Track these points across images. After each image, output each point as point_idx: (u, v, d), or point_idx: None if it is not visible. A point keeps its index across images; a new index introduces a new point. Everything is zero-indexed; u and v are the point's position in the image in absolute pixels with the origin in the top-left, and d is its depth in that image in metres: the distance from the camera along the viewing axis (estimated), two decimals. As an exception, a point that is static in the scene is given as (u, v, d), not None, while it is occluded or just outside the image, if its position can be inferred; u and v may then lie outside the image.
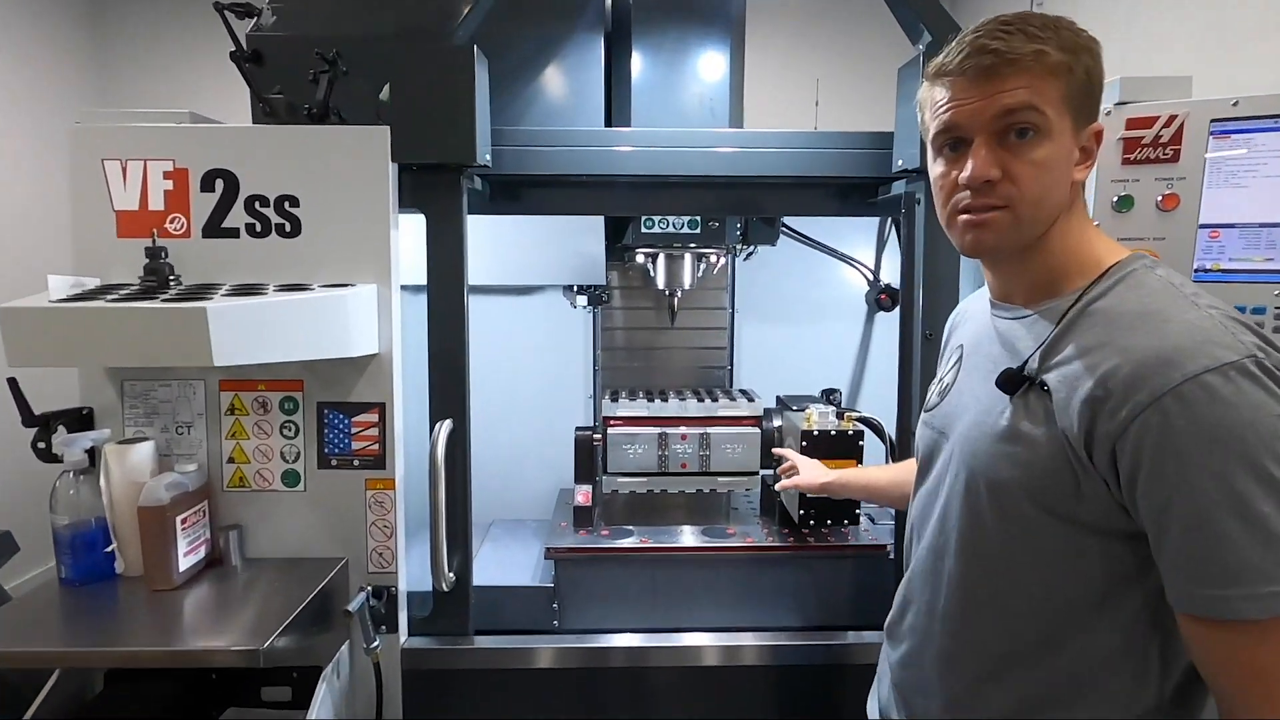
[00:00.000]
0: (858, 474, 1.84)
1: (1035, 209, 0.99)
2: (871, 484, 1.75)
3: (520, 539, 2.49)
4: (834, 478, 1.84)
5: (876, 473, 1.79)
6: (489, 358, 3.00)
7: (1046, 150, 0.98)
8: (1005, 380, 1.03)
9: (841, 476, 1.84)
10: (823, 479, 1.86)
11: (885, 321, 3.01)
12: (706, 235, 2.31)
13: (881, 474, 1.76)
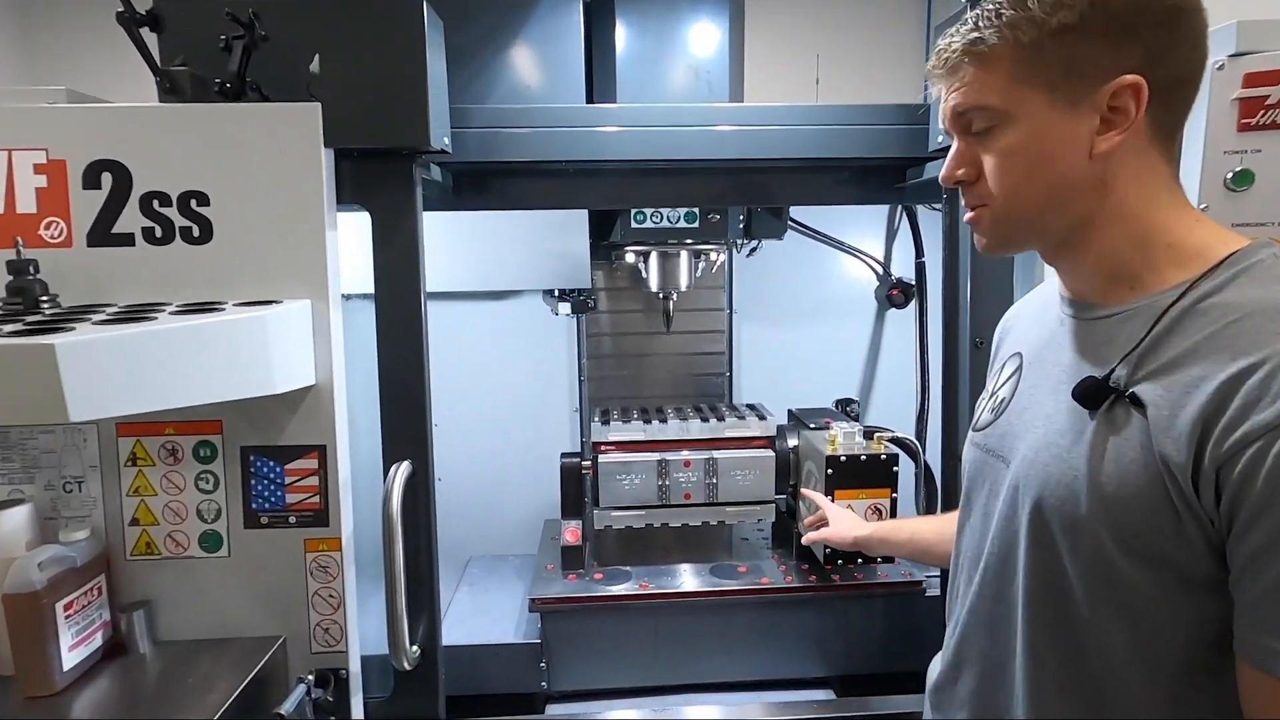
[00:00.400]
0: (900, 526, 1.50)
1: (1011, 201, 0.90)
2: (918, 539, 1.43)
3: (501, 579, 2.14)
4: (871, 532, 1.52)
5: (923, 525, 1.46)
6: (460, 371, 2.66)
7: (1010, 138, 0.87)
8: (1085, 391, 0.85)
9: (880, 530, 1.51)
10: (857, 533, 1.54)
11: (897, 320, 2.70)
12: (706, 229, 1.97)
13: (929, 527, 1.42)
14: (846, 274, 2.69)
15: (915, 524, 1.49)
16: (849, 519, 1.63)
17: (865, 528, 1.54)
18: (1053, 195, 0.88)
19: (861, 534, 1.53)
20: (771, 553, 2.04)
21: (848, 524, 1.59)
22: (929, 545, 1.39)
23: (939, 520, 1.41)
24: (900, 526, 1.50)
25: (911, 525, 1.49)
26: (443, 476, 2.76)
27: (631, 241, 2.02)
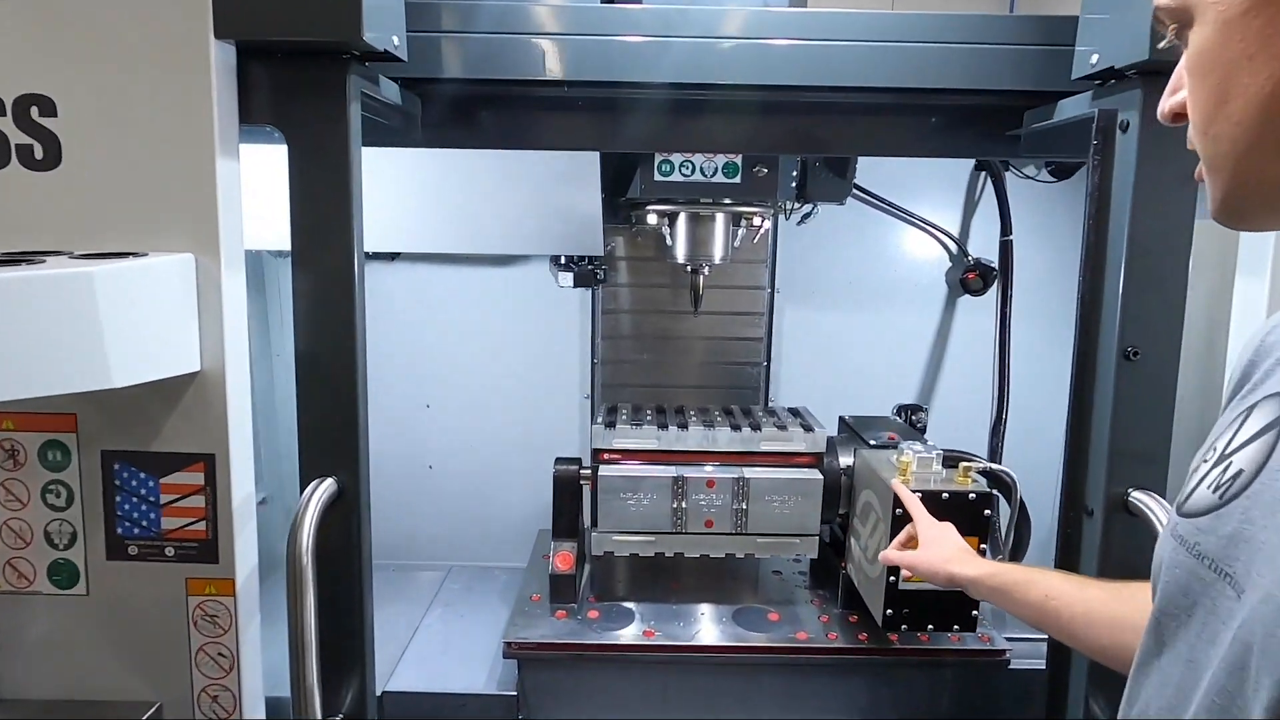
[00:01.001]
0: (1030, 580, 0.99)
1: (1208, 133, 0.56)
2: (1059, 607, 0.94)
3: (482, 600, 1.75)
4: (982, 573, 1.04)
5: (1068, 590, 0.95)
6: (455, 346, 2.26)
7: (1199, 41, 0.56)
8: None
9: (999, 575, 1.03)
10: (960, 569, 1.07)
11: (971, 309, 2.21)
12: (750, 186, 1.51)
13: (1077, 594, 0.93)
14: (913, 252, 2.21)
15: (1055, 583, 0.97)
16: (950, 546, 1.14)
17: (974, 563, 1.08)
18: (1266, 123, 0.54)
19: (967, 572, 1.06)
20: (811, 595, 1.60)
21: (948, 552, 1.12)
22: (1071, 623, 0.92)
23: (1097, 590, 0.93)
24: (1031, 580, 0.99)
25: (1048, 583, 0.97)
26: (433, 464, 2.42)
27: (655, 199, 1.57)
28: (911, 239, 2.20)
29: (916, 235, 2.19)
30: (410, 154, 1.53)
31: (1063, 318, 2.32)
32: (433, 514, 2.32)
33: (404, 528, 2.33)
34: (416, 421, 2.27)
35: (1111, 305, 1.09)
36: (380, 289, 2.19)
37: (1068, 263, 2.29)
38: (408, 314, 2.21)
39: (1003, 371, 2.07)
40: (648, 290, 2.13)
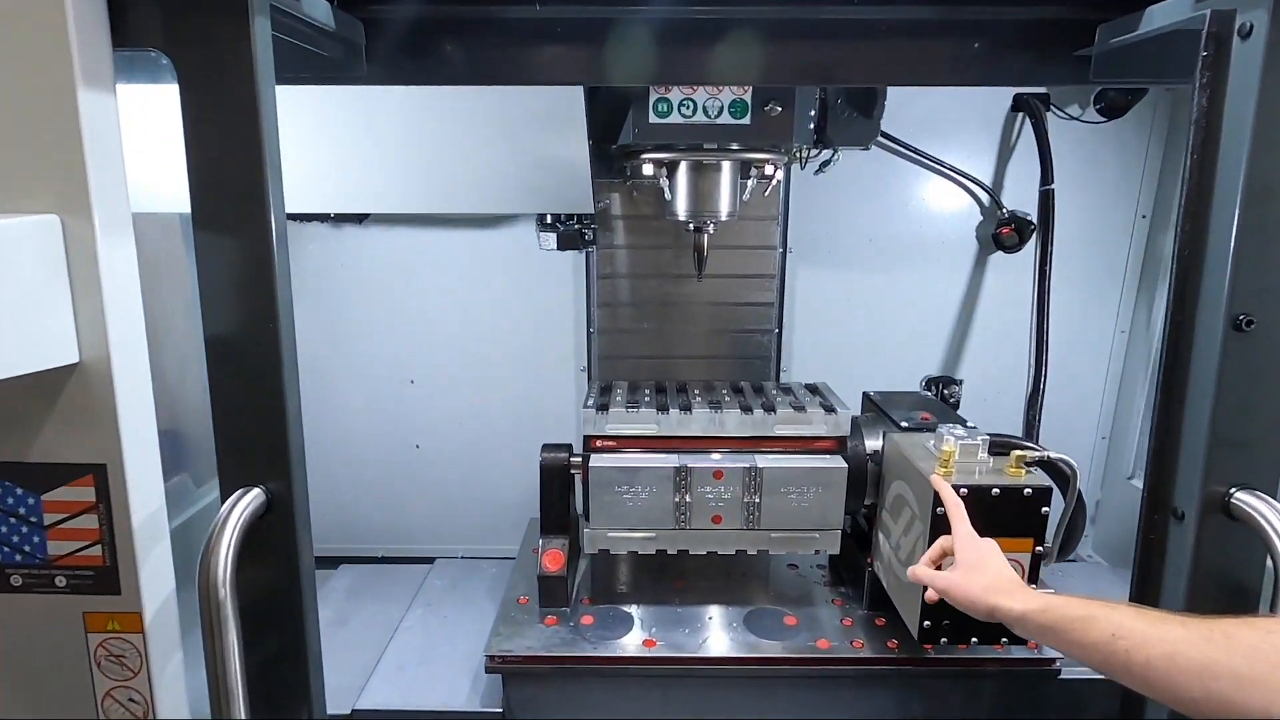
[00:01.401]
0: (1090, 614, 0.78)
1: None
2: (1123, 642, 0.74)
3: (468, 596, 1.57)
4: (1032, 607, 0.84)
5: (1139, 625, 0.75)
6: (440, 316, 2.05)
7: None
8: None
9: (1052, 608, 0.82)
10: (1006, 602, 0.86)
11: (1004, 267, 1.98)
12: (761, 128, 1.27)
13: (1149, 628, 0.74)
14: (940, 205, 1.97)
15: (1124, 619, 0.76)
16: (993, 571, 0.93)
17: (1021, 595, 0.87)
18: None
19: (1014, 607, 0.86)
20: (831, 593, 1.41)
21: (990, 579, 0.92)
22: (1147, 668, 0.72)
23: (1179, 630, 0.73)
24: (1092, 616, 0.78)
25: (1114, 619, 0.77)
26: (420, 443, 2.23)
27: (650, 145, 1.33)
28: (938, 190, 1.95)
29: (944, 186, 1.95)
30: (370, 101, 1.30)
31: (1105, 277, 2.09)
32: (420, 497, 2.14)
33: (390, 512, 2.15)
34: (400, 398, 2.07)
35: (1219, 263, 0.85)
36: (350, 254, 1.97)
37: (1113, 214, 2.05)
38: (384, 282, 2.00)
39: (1040, 337, 1.84)
40: (646, 252, 1.91)
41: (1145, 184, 1.95)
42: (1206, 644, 0.69)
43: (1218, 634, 0.69)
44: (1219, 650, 0.68)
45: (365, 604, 1.53)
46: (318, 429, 2.12)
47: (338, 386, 2.06)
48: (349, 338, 2.03)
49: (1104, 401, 2.10)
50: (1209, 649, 0.68)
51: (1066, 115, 1.88)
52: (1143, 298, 2.01)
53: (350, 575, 1.62)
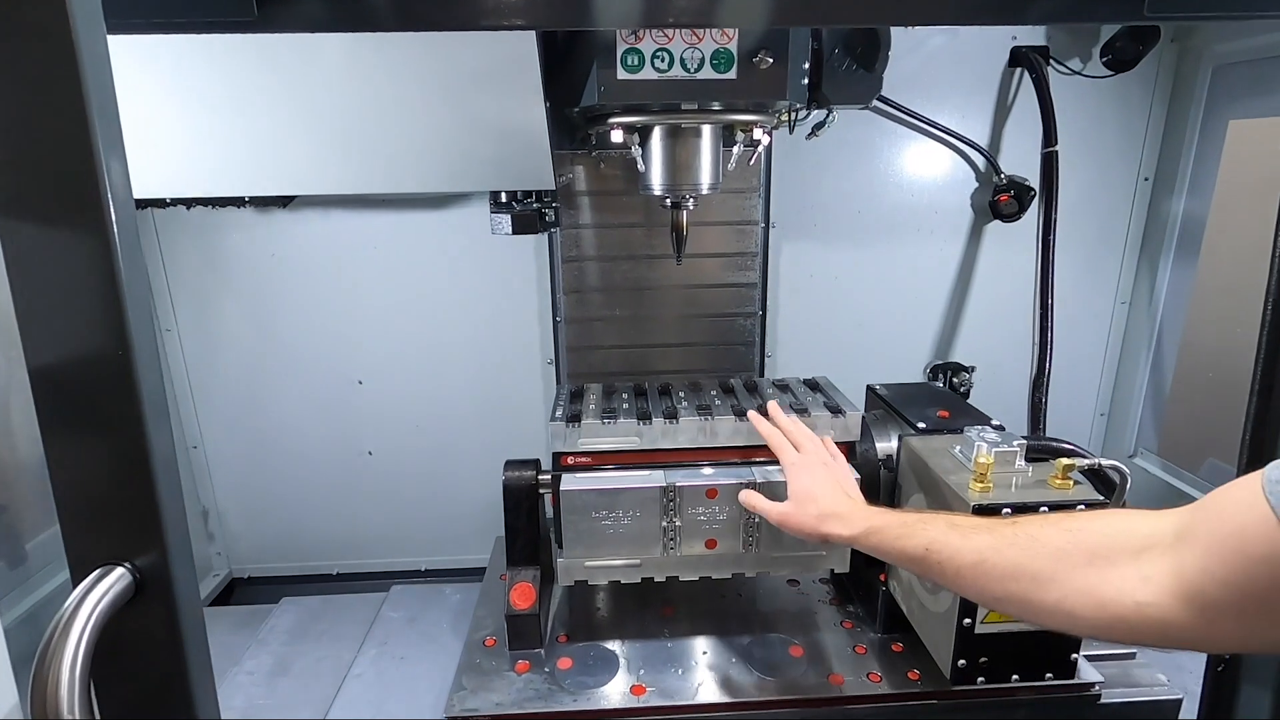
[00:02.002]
0: (907, 530, 0.81)
1: None
2: (935, 555, 0.78)
3: (428, 632, 1.36)
4: (858, 531, 0.88)
5: (951, 536, 0.77)
6: (391, 306, 1.81)
7: None
8: None
9: (877, 529, 0.86)
10: (836, 529, 0.90)
11: (1002, 237, 1.81)
12: (750, 83, 1.06)
13: (958, 539, 0.76)
14: (932, 171, 1.79)
15: (936, 532, 0.79)
16: (824, 496, 0.93)
17: (850, 519, 0.89)
18: None
19: (842, 532, 0.89)
20: (839, 613, 1.23)
21: (820, 507, 0.92)
22: (958, 577, 0.75)
23: (986, 537, 0.74)
24: (908, 531, 0.82)
25: (929, 533, 0.79)
26: (372, 450, 2.01)
27: (619, 107, 1.11)
28: (930, 155, 1.77)
29: (937, 151, 1.76)
30: (286, 63, 1.05)
31: (1105, 245, 1.91)
32: (376, 508, 1.92)
33: (343, 526, 1.93)
34: (348, 401, 1.84)
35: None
36: (280, 243, 1.72)
37: (1114, 178, 1.86)
38: (322, 272, 1.75)
39: (1045, 313, 1.68)
40: (616, 231, 1.70)
41: (1149, 144, 1.79)
42: (1010, 548, 0.70)
43: (1021, 537, 0.70)
44: (1022, 553, 0.69)
45: (310, 646, 1.31)
46: (257, 438, 1.88)
47: (276, 390, 1.82)
48: (286, 336, 1.78)
49: (1103, 377, 1.95)
50: (1012, 553, 0.70)
51: (1068, 69, 1.70)
52: (1144, 267, 1.86)
53: (292, 611, 1.40)
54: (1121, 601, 0.60)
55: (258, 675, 1.24)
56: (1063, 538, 0.67)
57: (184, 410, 1.82)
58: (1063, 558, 0.65)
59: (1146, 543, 0.62)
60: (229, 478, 1.89)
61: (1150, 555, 0.61)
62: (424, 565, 1.97)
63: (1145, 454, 1.89)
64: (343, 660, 1.27)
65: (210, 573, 1.93)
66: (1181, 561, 0.58)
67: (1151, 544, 0.61)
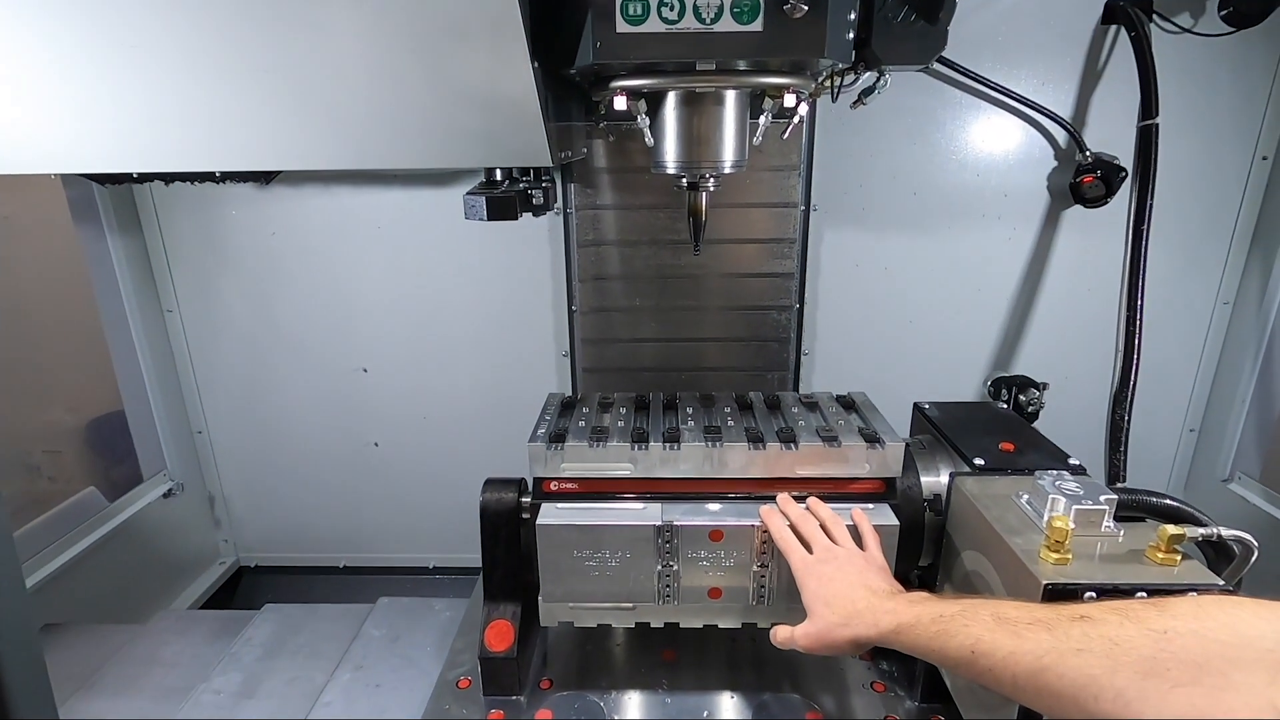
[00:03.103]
0: (947, 628, 0.64)
1: None
2: (983, 659, 0.60)
3: (409, 655, 1.22)
4: (886, 630, 0.71)
5: (999, 636, 0.60)
6: (386, 295, 1.65)
7: None
8: None
9: (908, 626, 0.69)
10: (863, 632, 0.74)
11: (1083, 225, 1.54)
12: (779, 37, 0.84)
13: (1009, 640, 0.59)
14: (1004, 147, 1.53)
15: (981, 630, 0.62)
16: (841, 599, 0.77)
17: (876, 618, 0.73)
18: None
19: (871, 635, 0.73)
20: (870, 671, 1.03)
21: (841, 613, 0.77)
22: (1012, 685, 0.57)
23: (1046, 637, 0.57)
24: (948, 629, 0.64)
25: (974, 630, 0.62)
26: (378, 440, 1.87)
27: (621, 67, 0.91)
28: (1001, 129, 1.50)
29: (1009, 123, 1.50)
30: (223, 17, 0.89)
31: (1208, 235, 1.55)
32: (382, 502, 1.80)
33: (348, 519, 1.82)
34: (353, 389, 1.71)
35: None
36: (282, 220, 1.58)
37: (1225, 156, 1.52)
38: (325, 252, 1.61)
39: (1132, 316, 1.41)
40: (638, 213, 1.51)
41: (1269, 117, 1.48)
42: (1077, 655, 0.53)
43: (1096, 640, 0.53)
44: (1097, 663, 0.52)
45: (284, 663, 1.19)
46: (261, 425, 1.77)
47: (280, 376, 1.70)
48: (288, 319, 1.65)
49: (1196, 387, 1.67)
50: (1081, 662, 0.53)
51: (1176, 26, 1.41)
52: (1255, 261, 1.56)
53: (272, 622, 1.28)
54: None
55: (224, 695, 1.12)
56: (1152, 644, 0.50)
57: (188, 394, 1.72)
58: (1154, 673, 0.48)
59: (1276, 655, 0.45)
60: (235, 465, 1.79)
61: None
62: (432, 562, 1.85)
63: (1244, 479, 1.61)
64: (315, 682, 1.14)
65: (217, 560, 1.84)
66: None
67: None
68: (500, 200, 0.89)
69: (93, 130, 1.03)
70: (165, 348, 1.67)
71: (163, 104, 0.96)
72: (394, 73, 0.93)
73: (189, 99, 0.96)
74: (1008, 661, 0.58)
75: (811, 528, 0.85)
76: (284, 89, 0.95)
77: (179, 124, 0.98)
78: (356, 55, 0.92)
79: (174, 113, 0.97)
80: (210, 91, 0.95)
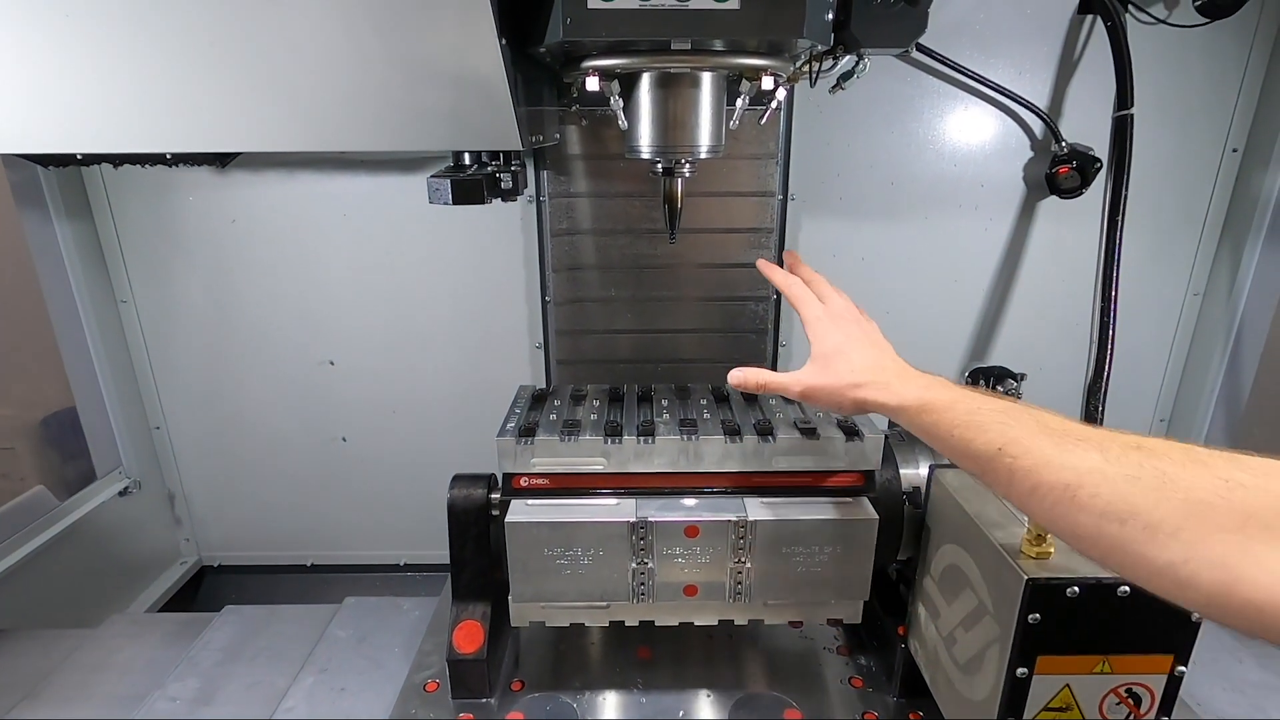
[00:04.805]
0: (980, 420, 0.58)
1: None
2: (1013, 460, 0.55)
3: (375, 657, 1.17)
4: (910, 401, 0.66)
5: (1042, 443, 0.54)
6: (351, 285, 1.59)
7: None
8: None
9: (933, 406, 0.63)
10: (875, 395, 0.69)
11: (1059, 215, 1.54)
12: (756, 16, 0.81)
13: (1054, 451, 0.52)
14: (980, 137, 1.51)
15: (1022, 433, 0.56)
16: (857, 354, 0.73)
17: (899, 388, 0.68)
18: None
19: (888, 400, 0.69)
20: (848, 666, 1.01)
21: (854, 364, 0.72)
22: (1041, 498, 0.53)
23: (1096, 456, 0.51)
24: (981, 421, 0.59)
25: (1010, 431, 0.57)
26: (346, 436, 1.82)
27: (591, 46, 0.87)
28: (978, 118, 1.49)
29: (985, 113, 1.48)
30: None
31: (1179, 227, 1.51)
32: (351, 498, 1.74)
33: (316, 515, 1.76)
34: (319, 383, 1.65)
35: None
36: (243, 206, 1.51)
37: (1196, 147, 1.53)
38: (287, 239, 1.55)
39: (1106, 306, 1.41)
40: (613, 201, 1.46)
41: (1240, 108, 1.48)
42: (1124, 481, 0.48)
43: (1149, 471, 0.48)
44: (1142, 491, 0.47)
45: (243, 668, 1.14)
46: (223, 420, 1.70)
47: (241, 369, 1.64)
48: (250, 310, 1.59)
49: (1166, 377, 1.68)
50: (1127, 488, 0.48)
51: (1151, 17, 1.40)
52: (1225, 252, 1.57)
53: (232, 624, 1.23)
54: (1264, 589, 0.41)
55: (180, 702, 1.07)
56: (1211, 487, 0.45)
57: (145, 388, 1.65)
58: (1202, 512, 0.44)
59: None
60: (195, 461, 1.72)
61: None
62: (403, 560, 1.80)
63: (1212, 468, 1.62)
64: (277, 687, 1.10)
65: (178, 560, 1.78)
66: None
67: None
68: (467, 183, 0.85)
69: (32, 108, 0.97)
70: (119, 340, 1.60)
71: (107, 80, 0.90)
72: (353, 48, 0.88)
73: (134, 74, 0.90)
74: (1038, 468, 0.53)
75: (826, 287, 0.82)
76: (236, 64, 0.89)
77: (124, 102, 0.92)
78: (313, 28, 0.87)
79: (119, 89, 0.91)
80: (157, 67, 0.90)
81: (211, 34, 0.87)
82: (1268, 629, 0.41)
